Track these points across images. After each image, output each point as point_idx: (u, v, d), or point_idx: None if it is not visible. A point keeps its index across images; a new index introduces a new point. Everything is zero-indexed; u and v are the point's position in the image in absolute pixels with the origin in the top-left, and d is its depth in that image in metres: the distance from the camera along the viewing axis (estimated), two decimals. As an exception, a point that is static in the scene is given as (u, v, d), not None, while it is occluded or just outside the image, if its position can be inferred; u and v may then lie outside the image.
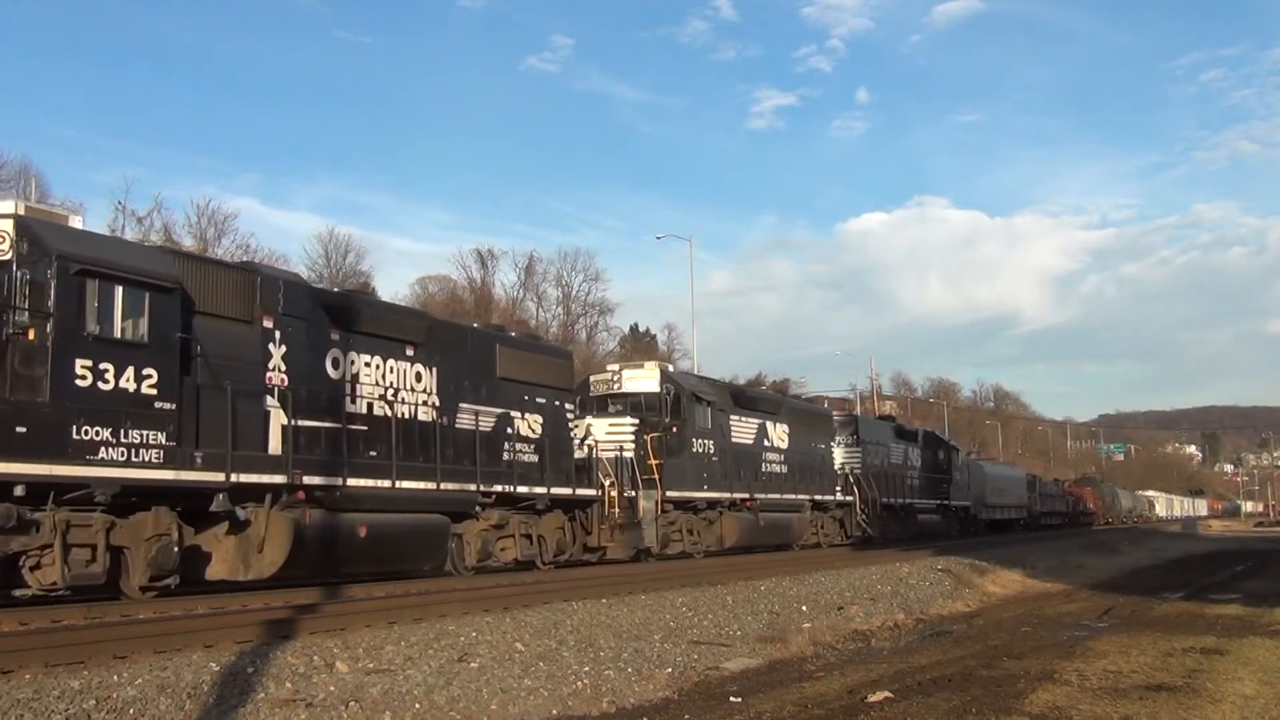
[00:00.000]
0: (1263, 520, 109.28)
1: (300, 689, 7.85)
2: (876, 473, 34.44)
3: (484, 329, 19.95)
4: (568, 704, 8.80)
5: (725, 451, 24.99)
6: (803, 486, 28.99)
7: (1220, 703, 8.56)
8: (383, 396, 15.68)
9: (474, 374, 17.73)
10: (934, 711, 8.17)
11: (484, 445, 17.44)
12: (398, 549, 15.49)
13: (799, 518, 28.60)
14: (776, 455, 27.91)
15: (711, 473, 24.21)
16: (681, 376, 25.63)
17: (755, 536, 25.71)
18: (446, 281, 70.68)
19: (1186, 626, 14.12)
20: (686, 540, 23.37)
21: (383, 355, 15.81)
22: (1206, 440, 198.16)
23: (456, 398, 17.16)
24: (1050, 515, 62.84)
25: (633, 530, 20.84)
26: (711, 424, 24.55)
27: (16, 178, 48.38)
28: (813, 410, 33.47)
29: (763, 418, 27.59)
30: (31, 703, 6.69)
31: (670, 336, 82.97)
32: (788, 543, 28.53)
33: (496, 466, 17.66)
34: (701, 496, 23.72)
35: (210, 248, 50.10)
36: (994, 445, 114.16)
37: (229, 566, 13.19)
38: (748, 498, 25.47)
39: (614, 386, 24.15)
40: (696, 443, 23.78)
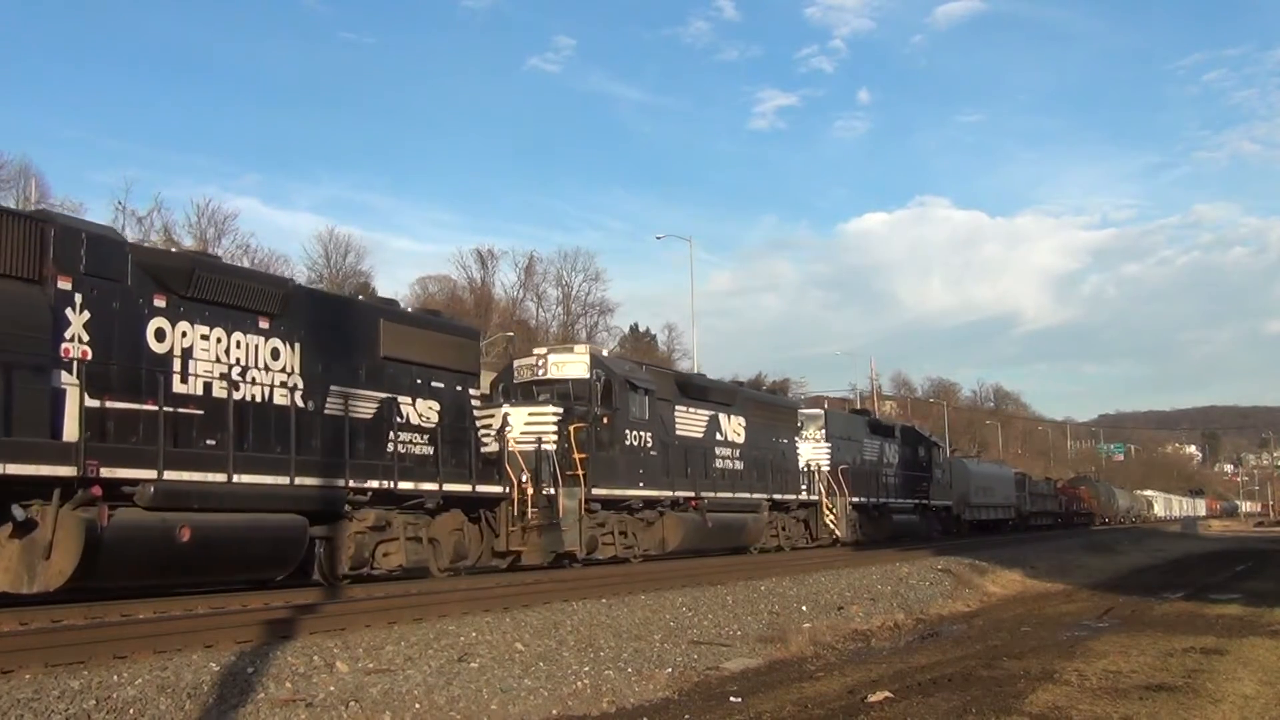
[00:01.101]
0: (1262, 520, 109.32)
1: (300, 689, 7.85)
2: (847, 470, 32.24)
3: (367, 301, 17.86)
4: (568, 704, 8.80)
5: (668, 445, 22.83)
6: (760, 484, 26.81)
7: (1220, 703, 8.56)
8: (226, 376, 13.45)
9: (351, 352, 15.61)
10: (934, 711, 8.17)
11: (362, 435, 15.43)
12: (235, 554, 13.14)
13: (754, 519, 26.39)
14: (730, 450, 25.86)
15: (649, 468, 21.87)
16: (615, 362, 23.06)
17: (703, 539, 23.58)
18: (447, 281, 70.93)
19: (1186, 626, 14.12)
20: (619, 543, 21.16)
21: (227, 327, 13.61)
22: (1206, 440, 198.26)
23: (327, 379, 15.05)
24: (1041, 516, 61.16)
25: (551, 532, 18.60)
26: (649, 414, 22.14)
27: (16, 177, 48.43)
28: (775, 402, 31.16)
29: (715, 409, 25.50)
30: (31, 703, 6.69)
31: (670, 336, 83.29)
32: (742, 546, 26.26)
33: (377, 459, 15.57)
34: (636, 495, 21.39)
35: (210, 247, 50.14)
36: (994, 445, 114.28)
37: (11, 577, 11.08)
38: (693, 496, 23.32)
39: (539, 372, 21.70)
40: (631, 435, 21.50)
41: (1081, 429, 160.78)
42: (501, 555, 18.32)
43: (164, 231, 50.65)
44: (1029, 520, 57.34)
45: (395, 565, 15.74)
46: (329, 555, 14.77)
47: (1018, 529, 52.82)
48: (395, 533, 15.73)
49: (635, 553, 21.62)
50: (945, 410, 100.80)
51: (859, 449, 34.68)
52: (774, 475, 27.69)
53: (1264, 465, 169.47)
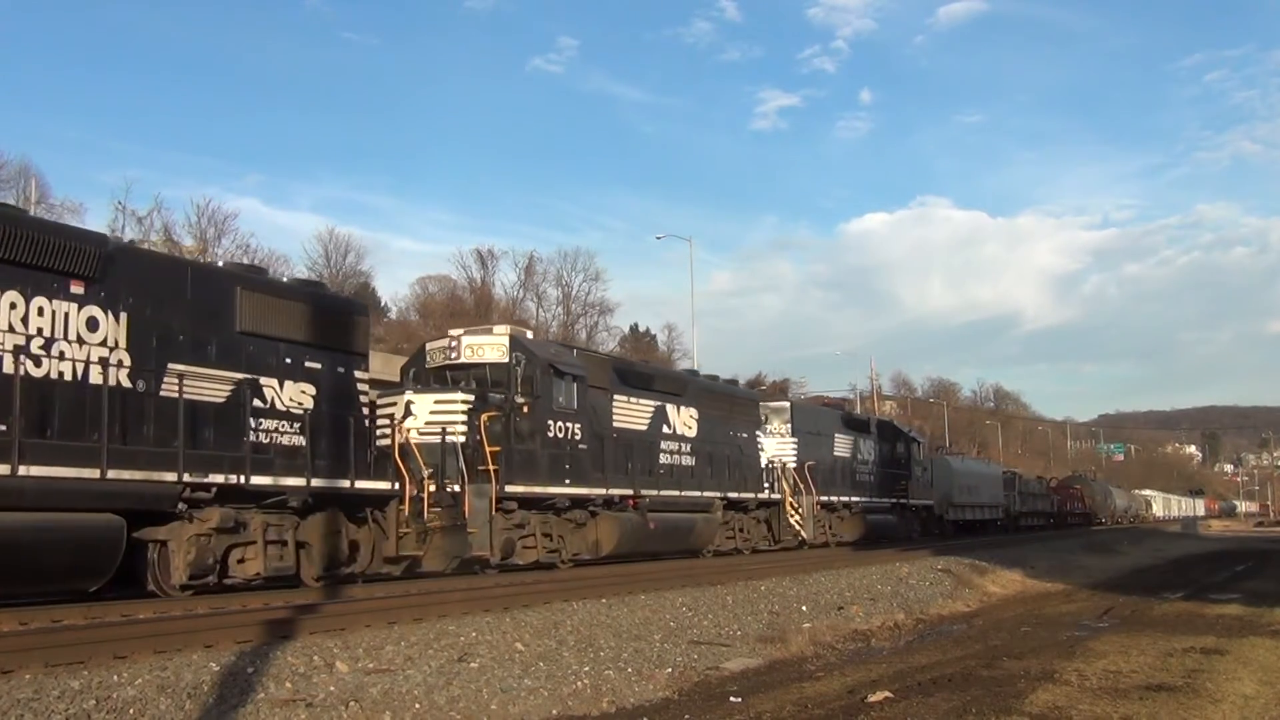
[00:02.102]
0: (1262, 520, 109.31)
1: (300, 689, 7.85)
2: (816, 467, 30.13)
3: (226, 267, 15.69)
4: (568, 704, 8.80)
5: (603, 438, 20.63)
6: (714, 482, 24.75)
7: (1220, 703, 8.56)
8: (20, 349, 11.31)
9: (196, 325, 13.46)
10: (934, 711, 8.17)
11: (210, 421, 13.37)
12: (21, 562, 10.94)
13: (706, 519, 24.16)
14: (679, 444, 23.72)
15: (578, 463, 19.60)
16: (538, 345, 20.54)
17: (644, 541, 21.38)
18: (447, 281, 70.86)
19: (1186, 626, 14.13)
20: (542, 547, 18.92)
21: (24, 291, 11.54)
22: (1206, 440, 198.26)
23: (163, 356, 12.92)
24: (1032, 516, 58.89)
25: (455, 535, 16.44)
26: (579, 404, 19.83)
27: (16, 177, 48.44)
28: (733, 393, 28.49)
29: (661, 399, 23.35)
30: (31, 703, 6.69)
31: (670, 336, 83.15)
32: (693, 549, 24.12)
33: (229, 449, 13.42)
34: (561, 493, 19.04)
35: (210, 247, 50.14)
36: (994, 445, 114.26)
37: None
38: (631, 495, 21.12)
39: (452, 356, 19.42)
40: (556, 426, 19.17)
41: (1081, 429, 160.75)
42: (393, 561, 16.00)
43: (164, 231, 50.62)
44: (1019, 521, 55.38)
45: (252, 573, 13.58)
46: (161, 561, 12.69)
47: (1006, 530, 50.94)
48: (252, 535, 13.59)
49: (562, 557, 19.44)
50: (945, 410, 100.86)
51: (830, 445, 32.59)
52: (731, 472, 25.76)
53: (1264, 465, 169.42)
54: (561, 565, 19.30)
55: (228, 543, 13.32)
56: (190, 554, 12.73)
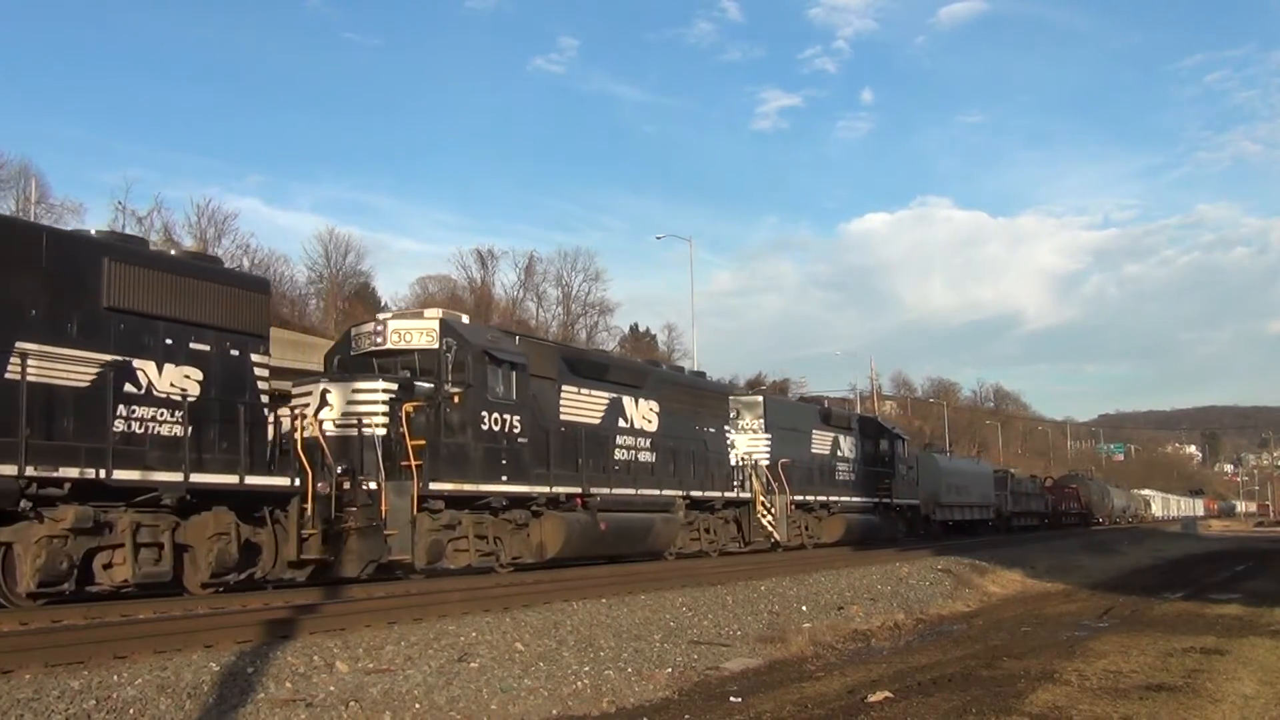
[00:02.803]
0: (1262, 520, 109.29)
1: (300, 689, 7.85)
2: (791, 465, 28.60)
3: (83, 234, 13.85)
4: (568, 704, 8.80)
5: (548, 432, 19.09)
6: (676, 480, 23.15)
7: (1220, 703, 8.56)
8: None
9: (50, 299, 12.08)
10: (934, 711, 8.17)
11: (69, 408, 12.00)
12: None
13: (666, 519, 22.42)
14: (637, 439, 22.12)
15: (516, 459, 17.99)
16: (473, 329, 18.77)
17: (595, 543, 19.93)
18: (447, 281, 70.86)
19: (1186, 626, 14.13)
20: (475, 549, 17.28)
21: None
22: (1206, 440, 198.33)
23: (8, 334, 11.58)
24: (1025, 516, 56.86)
25: (371, 537, 15.05)
26: (519, 394, 18.27)
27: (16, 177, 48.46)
28: (699, 386, 26.63)
29: (617, 391, 21.75)
30: (31, 703, 6.69)
31: (670, 336, 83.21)
32: (653, 551, 22.50)
33: (89, 440, 11.99)
34: (497, 491, 17.51)
35: (210, 248, 50.17)
36: (994, 445, 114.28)
37: None
38: (579, 493, 19.60)
39: (378, 341, 17.86)
40: (491, 418, 17.59)
41: (1081, 429, 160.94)
42: (298, 565, 14.43)
43: (164, 231, 50.67)
44: (1011, 521, 53.52)
45: (120, 580, 12.24)
46: (10, 567, 11.39)
47: (998, 530, 49.17)
48: (119, 537, 12.19)
49: (500, 561, 17.90)
50: (945, 410, 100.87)
51: (807, 442, 31.18)
52: (696, 469, 24.14)
53: (1264, 465, 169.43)
54: (500, 569, 17.77)
55: (88, 545, 11.91)
56: (40, 558, 11.33)
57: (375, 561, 15.33)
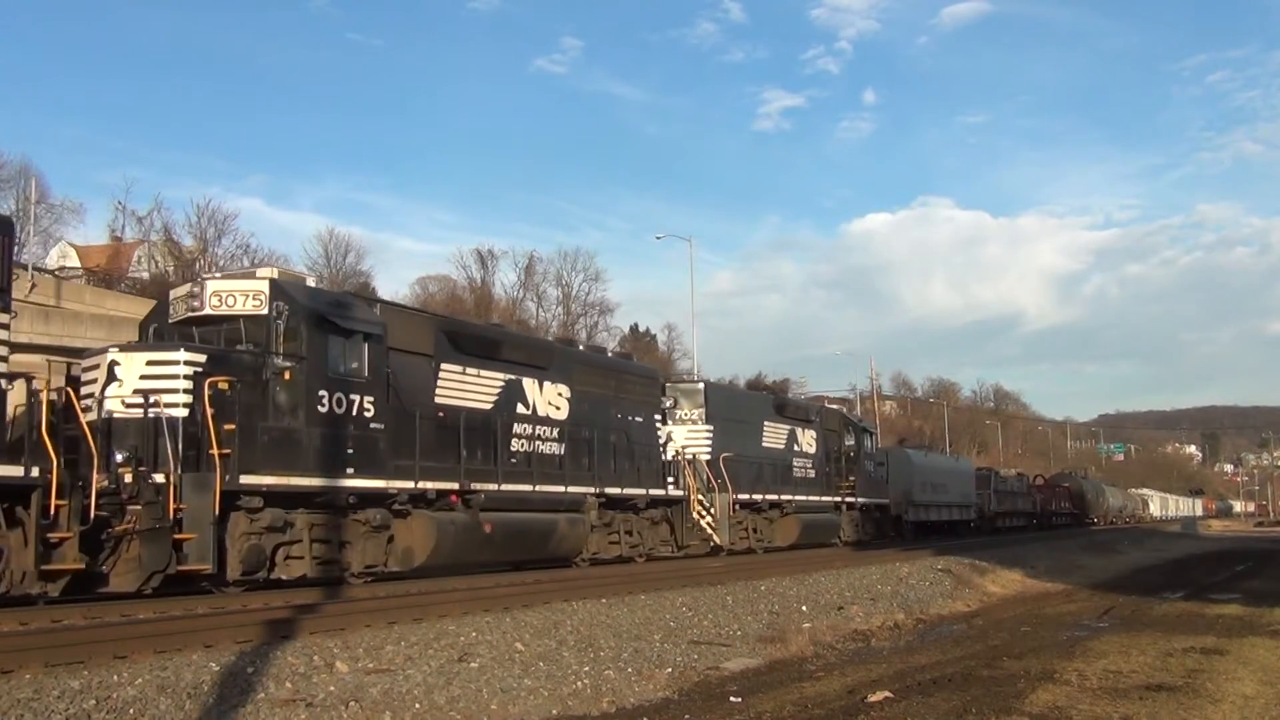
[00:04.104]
0: (1262, 520, 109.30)
1: (300, 689, 7.85)
2: (736, 460, 26.06)
3: None
4: (568, 704, 8.80)
5: (417, 417, 16.37)
6: (588, 475, 20.42)
7: (1220, 703, 8.56)
8: None
9: None
10: (934, 711, 8.17)
11: None
12: None
13: (572, 520, 19.64)
14: (541, 428, 19.37)
15: (368, 448, 15.31)
16: (313, 293, 15.79)
17: (478, 548, 17.33)
18: (447, 281, 70.86)
19: (1186, 626, 14.13)
20: (311, 556, 14.53)
21: None
22: (1206, 440, 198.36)
23: None
24: (1010, 516, 53.91)
25: (156, 543, 12.44)
26: (372, 370, 15.52)
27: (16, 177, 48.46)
28: (622, 368, 23.55)
29: (516, 372, 18.94)
30: (31, 703, 6.70)
31: (670, 336, 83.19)
32: (557, 556, 19.72)
33: None
34: (338, 486, 14.83)
35: (210, 248, 50.16)
36: (994, 445, 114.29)
37: None
38: (455, 490, 16.91)
39: (195, 306, 14.88)
40: (332, 399, 14.85)
41: (1081, 429, 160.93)
42: (50, 577, 11.57)
43: (164, 231, 50.67)
44: (995, 522, 50.76)
45: None
46: None
47: (981, 532, 46.53)
48: None
49: (351, 570, 15.29)
50: (945, 410, 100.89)
51: (757, 434, 28.44)
52: (619, 463, 21.51)
53: (1264, 465, 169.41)
54: (352, 580, 15.26)
55: None
56: None
57: (161, 572, 12.50)
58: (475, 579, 16.60)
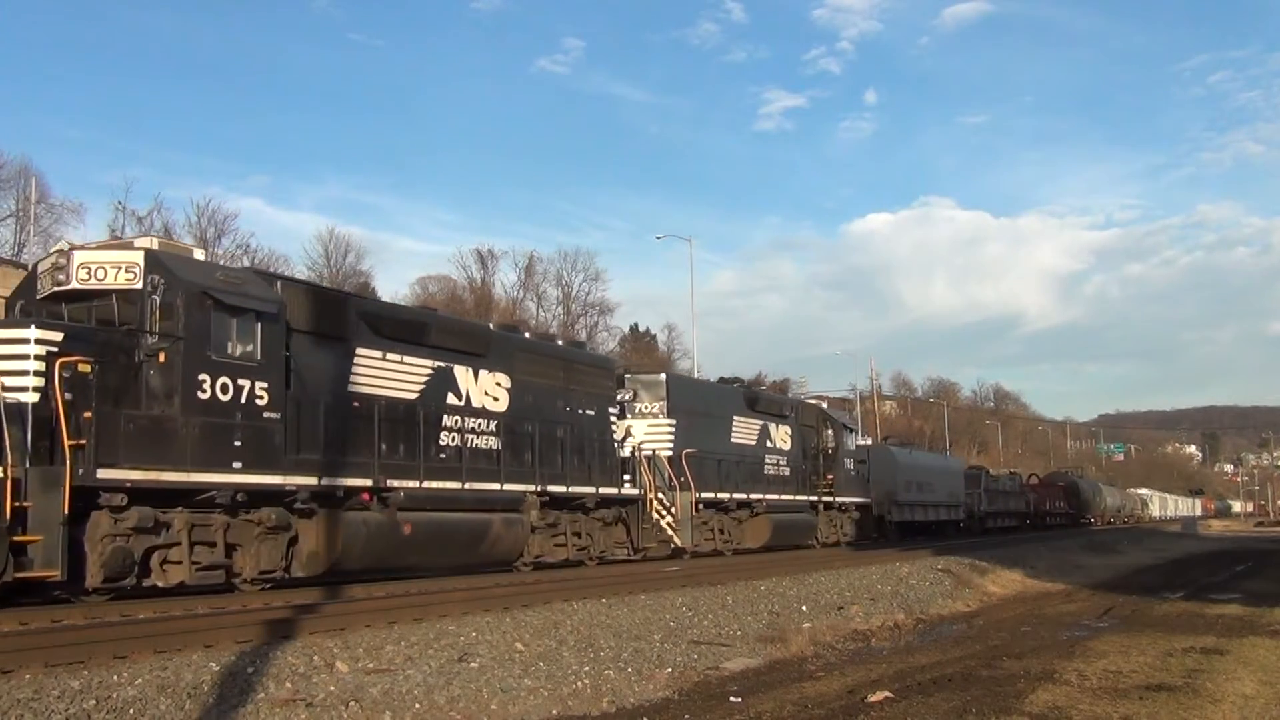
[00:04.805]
0: (1262, 520, 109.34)
1: (300, 689, 7.85)
2: (699, 456, 24.62)
3: None
4: (568, 704, 8.80)
5: (323, 406, 14.75)
6: (528, 472, 18.73)
7: (1220, 703, 8.56)
8: None
9: None
10: (934, 711, 8.17)
11: None
12: None
13: (509, 520, 18.02)
14: (476, 420, 17.77)
15: (260, 440, 13.62)
16: (195, 266, 14.10)
17: (396, 551, 15.76)
18: (447, 281, 70.88)
19: (1186, 626, 14.13)
20: (190, 561, 12.87)
21: None
22: (1206, 440, 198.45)
23: None
24: (1002, 516, 52.09)
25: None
26: (266, 353, 13.86)
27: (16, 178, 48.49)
28: (572, 357, 21.72)
29: (447, 359, 17.34)
30: (31, 703, 6.70)
31: (671, 336, 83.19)
32: (492, 560, 18.14)
33: None
34: (220, 482, 13.05)
35: (210, 248, 50.18)
36: (994, 445, 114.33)
37: None
38: (367, 487, 15.29)
39: (61, 279, 13.32)
40: (216, 384, 13.15)
41: (1081, 429, 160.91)
42: None
43: (164, 231, 50.67)
44: (985, 523, 48.94)
45: None
46: None
47: (971, 532, 44.99)
48: None
49: (244, 576, 13.71)
50: (945, 410, 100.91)
51: (725, 429, 26.85)
52: (567, 459, 19.88)
53: (1264, 465, 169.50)
54: (244, 587, 13.69)
55: None
56: None
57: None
58: (475, 579, 16.59)
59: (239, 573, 13.70)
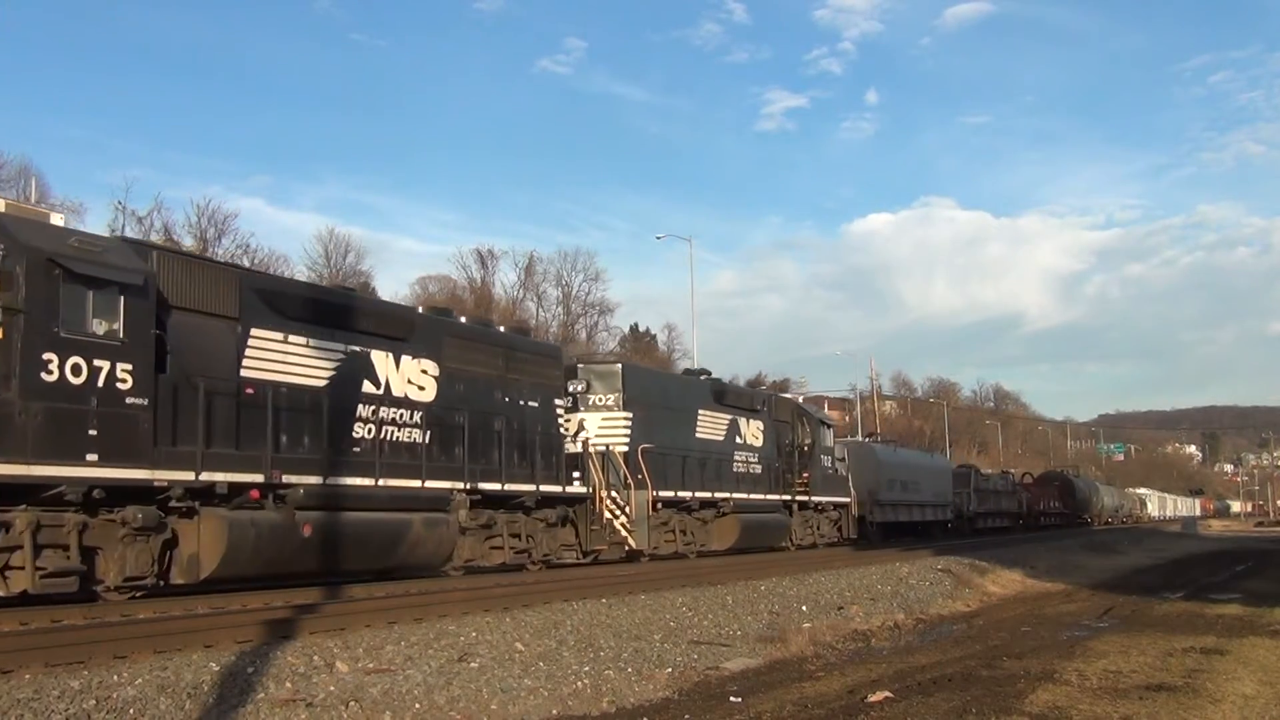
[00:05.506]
0: (1262, 520, 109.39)
1: (300, 689, 7.86)
2: (659, 452, 22.95)
3: None
4: (568, 704, 8.80)
5: (206, 392, 12.97)
6: (457, 468, 17.05)
7: (1220, 703, 8.56)
8: None
9: None
10: (934, 711, 8.17)
11: None
12: None
13: (431, 521, 16.23)
14: (398, 411, 16.16)
15: (122, 429, 11.91)
16: (43, 231, 12.55)
17: (295, 555, 14.05)
18: (447, 281, 70.92)
19: (1186, 626, 14.14)
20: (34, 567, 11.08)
21: None
22: (1206, 440, 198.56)
23: None
24: (993, 517, 50.58)
25: None
26: (131, 331, 12.11)
27: (17, 178, 48.52)
28: (511, 344, 19.73)
29: (364, 344, 15.70)
30: (31, 703, 6.70)
31: (671, 336, 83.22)
32: (411, 564, 16.38)
33: None
34: (75, 476, 11.40)
35: (210, 247, 50.21)
36: (994, 445, 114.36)
37: None
38: (256, 484, 13.57)
39: None
40: (65, 364, 11.47)
41: (1081, 429, 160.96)
42: None
43: (164, 231, 50.69)
44: (975, 523, 47.40)
45: None
46: None
47: (961, 534, 43.68)
48: None
49: (107, 584, 11.92)
50: (945, 410, 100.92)
51: (688, 424, 25.00)
52: (505, 454, 18.18)
53: (1264, 465, 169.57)
54: (107, 596, 11.96)
55: None
56: None
57: None
58: (475, 579, 16.56)
59: (102, 579, 11.91)
